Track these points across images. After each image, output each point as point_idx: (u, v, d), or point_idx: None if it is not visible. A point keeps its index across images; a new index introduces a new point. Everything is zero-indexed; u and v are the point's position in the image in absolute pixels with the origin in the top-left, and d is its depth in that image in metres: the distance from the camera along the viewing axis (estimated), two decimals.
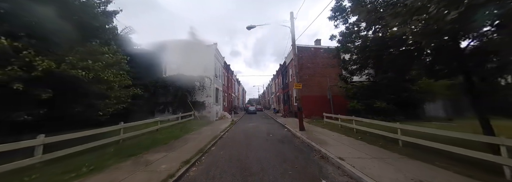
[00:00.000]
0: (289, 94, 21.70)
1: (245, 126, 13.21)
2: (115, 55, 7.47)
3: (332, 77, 16.77)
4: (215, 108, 17.52)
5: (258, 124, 14.49)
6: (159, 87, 15.13)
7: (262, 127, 12.53)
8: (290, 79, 20.95)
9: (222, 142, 7.90)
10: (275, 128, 12.30)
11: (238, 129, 11.69)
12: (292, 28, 10.45)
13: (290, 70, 20.97)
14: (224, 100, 23.02)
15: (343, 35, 11.29)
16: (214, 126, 12.54)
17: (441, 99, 16.06)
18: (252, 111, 31.10)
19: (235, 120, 17.48)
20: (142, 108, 15.14)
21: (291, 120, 16.88)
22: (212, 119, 16.26)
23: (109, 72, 6.94)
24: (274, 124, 14.95)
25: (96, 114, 6.83)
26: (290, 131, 10.40)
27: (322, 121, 13.66)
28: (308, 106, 16.37)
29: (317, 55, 17.30)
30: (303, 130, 9.85)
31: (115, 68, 7.62)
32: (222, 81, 22.00)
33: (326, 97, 16.11)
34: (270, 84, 48.28)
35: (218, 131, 10.38)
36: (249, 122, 16.19)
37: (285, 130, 11.08)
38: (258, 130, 11.29)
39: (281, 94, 27.96)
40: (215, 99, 17.93)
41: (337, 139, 7.64)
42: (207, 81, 16.45)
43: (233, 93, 33.34)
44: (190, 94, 15.92)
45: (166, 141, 7.57)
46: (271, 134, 9.73)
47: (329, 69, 17.25)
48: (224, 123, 14.41)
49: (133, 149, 6.28)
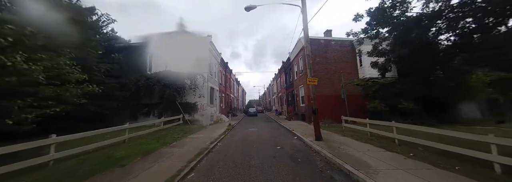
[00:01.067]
0: (294, 94, 19.25)
1: (244, 132, 10.74)
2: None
3: (347, 73, 14.33)
4: (210, 110, 15.08)
5: (259, 129, 12.03)
6: (141, 86, 12.70)
7: (265, 134, 10.07)
8: (296, 77, 18.52)
9: (210, 160, 5.45)
10: (281, 135, 9.84)
11: (235, 137, 9.23)
12: (303, 4, 8.01)
13: (295, 67, 18.54)
14: (220, 101, 20.57)
15: (373, 14, 8.91)
16: (206, 133, 10.09)
17: (475, 98, 13.56)
18: (253, 113, 28.77)
19: (233, 124, 15.02)
20: (120, 110, 12.76)
21: (298, 123, 14.40)
22: (205, 123, 13.81)
23: (23, 58, 4.46)
24: (279, 129, 12.49)
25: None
26: (303, 141, 7.93)
27: (338, 126, 11.20)
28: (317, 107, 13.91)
29: (328, 49, 14.88)
30: (320, 140, 7.39)
31: (49, 55, 5.16)
32: (218, 80, 19.58)
33: (339, 96, 13.62)
34: (271, 84, 45.85)
35: (208, 140, 7.93)
36: (249, 127, 13.73)
37: (295, 139, 8.62)
38: (260, 138, 8.83)
39: (284, 94, 25.51)
40: (210, 99, 15.50)
41: (378, 156, 5.17)
42: (200, 79, 14.02)
43: (232, 93, 30.90)
44: (179, 94, 13.48)
45: (127, 160, 5.13)
46: (278, 145, 7.26)
47: (343, 64, 14.87)
48: (219, 128, 11.96)
49: (59, 179, 3.86)
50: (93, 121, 10.80)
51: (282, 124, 14.34)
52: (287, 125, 13.35)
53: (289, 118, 18.38)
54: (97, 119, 11.21)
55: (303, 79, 15.70)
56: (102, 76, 10.99)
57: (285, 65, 23.75)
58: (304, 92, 15.47)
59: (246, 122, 18.58)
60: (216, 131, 11.05)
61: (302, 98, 16.57)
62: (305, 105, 15.49)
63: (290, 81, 21.17)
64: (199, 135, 9.47)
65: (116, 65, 12.87)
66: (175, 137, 8.53)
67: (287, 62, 22.47)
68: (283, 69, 25.79)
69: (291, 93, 21.17)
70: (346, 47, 15.13)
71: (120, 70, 13.23)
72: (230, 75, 29.16)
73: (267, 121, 18.82)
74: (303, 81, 15.54)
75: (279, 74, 30.23)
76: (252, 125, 14.93)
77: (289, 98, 22.35)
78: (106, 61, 11.80)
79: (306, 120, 14.92)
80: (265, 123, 16.66)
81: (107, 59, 12.07)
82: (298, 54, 16.71)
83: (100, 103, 10.47)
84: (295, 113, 18.69)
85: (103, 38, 12.81)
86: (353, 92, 13.90)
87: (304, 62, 15.02)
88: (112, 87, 11.18)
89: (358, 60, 14.78)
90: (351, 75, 14.58)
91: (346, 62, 14.98)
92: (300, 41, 15.56)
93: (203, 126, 13.03)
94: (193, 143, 7.45)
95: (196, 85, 13.76)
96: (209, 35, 15.18)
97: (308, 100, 14.53)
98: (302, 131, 10.19)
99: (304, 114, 15.88)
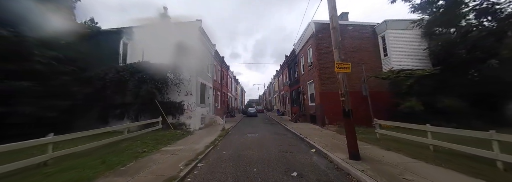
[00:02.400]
0: (301, 91, 16.53)
1: (240, 142, 8.01)
2: None
3: (368, 65, 11.60)
4: (200, 110, 12.35)
5: (261, 136, 9.31)
6: (109, 80, 9.95)
7: (268, 144, 7.35)
8: (303, 71, 15.78)
9: None
10: (292, 145, 7.11)
11: (226, 151, 6.50)
12: None
13: (301, 59, 15.80)
14: (215, 100, 17.83)
15: None
16: (189, 142, 7.36)
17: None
18: (252, 113, 26.16)
19: (229, 127, 12.30)
20: (86, 113, 10.07)
21: (307, 127, 11.69)
22: (193, 128, 11.07)
23: None
24: (285, 134, 9.77)
25: None
26: (328, 158, 5.22)
27: (363, 131, 8.51)
28: (330, 107, 11.24)
29: (345, 35, 12.12)
30: (357, 159, 4.68)
31: None
32: (212, 75, 16.83)
33: (359, 94, 10.84)
34: (272, 82, 43.13)
35: (185, 158, 5.21)
36: (248, 131, 11.01)
37: (314, 153, 5.89)
38: (263, 152, 6.11)
39: (288, 92, 22.79)
40: (200, 97, 12.76)
41: None
42: (186, 72, 11.29)
43: (230, 92, 28.15)
44: (160, 91, 10.75)
45: None
46: (292, 167, 4.56)
47: (362, 54, 12.16)
48: (209, 135, 9.25)
49: None
50: (42, 127, 8.10)
51: (288, 127, 11.63)
52: (295, 129, 10.63)
53: (294, 119, 15.66)
54: (50, 124, 8.47)
55: (313, 73, 12.97)
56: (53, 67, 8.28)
57: (289, 59, 21.01)
58: (315, 88, 12.75)
59: (245, 124, 15.86)
60: (204, 138, 8.33)
61: (311, 95, 13.85)
62: (315, 104, 12.78)
63: (295, 77, 18.44)
64: (178, 147, 6.74)
65: (78, 54, 10.14)
66: (137, 152, 5.81)
67: (291, 56, 19.73)
68: (286, 64, 23.05)
69: (296, 91, 18.44)
70: (366, 33, 12.40)
71: (85, 62, 10.50)
72: (227, 72, 26.41)
73: (269, 123, 16.10)
74: (314, 76, 12.81)
75: (282, 71, 27.50)
76: (252, 129, 12.20)
77: (294, 96, 19.63)
78: (64, 48, 9.09)
79: (318, 122, 12.21)
80: (267, 126, 13.94)
81: (65, 46, 9.33)
82: (306, 43, 13.97)
83: (45, 103, 7.74)
84: (301, 113, 15.96)
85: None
86: (374, 88, 11.22)
87: (315, 51, 12.29)
88: (64, 82, 8.44)
89: (381, 48, 12.05)
90: (372, 68, 11.86)
91: (366, 51, 12.24)
92: (309, 27, 12.82)
93: (190, 131, 10.29)
94: (158, 166, 4.73)
95: (181, 80, 11.01)
96: (198, 20, 12.42)
97: (320, 97, 11.81)
98: (320, 140, 7.48)
99: (314, 114, 13.17)
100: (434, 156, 4.87)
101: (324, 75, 11.83)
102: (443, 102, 9.40)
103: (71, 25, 10.52)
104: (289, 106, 22.42)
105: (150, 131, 9.10)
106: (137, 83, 10.11)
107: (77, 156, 5.33)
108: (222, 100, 21.32)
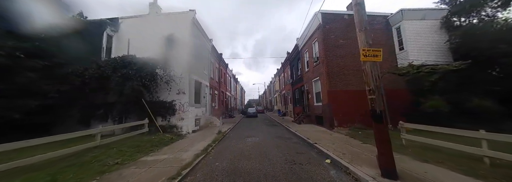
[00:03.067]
0: (304, 90, 15.29)
1: (238, 149, 6.77)
2: None
3: (384, 59, 10.33)
4: (194, 111, 11.12)
5: (262, 141, 8.07)
6: (89, 77, 8.71)
7: (271, 152, 6.11)
8: (307, 68, 14.55)
9: None
10: (299, 154, 5.87)
11: (220, 162, 5.27)
12: None
13: (306, 55, 14.56)
14: (213, 100, 16.60)
15: None
16: (176, 150, 6.13)
17: None
18: (252, 114, 24.92)
19: (226, 130, 11.06)
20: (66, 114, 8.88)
21: (314, 129, 10.46)
22: (185, 130, 9.85)
23: None
24: (290, 138, 8.53)
25: None
26: (352, 175, 3.98)
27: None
28: (339, 107, 10.04)
29: (352, 27, 10.91)
30: (394, 178, 3.46)
31: None
32: (209, 73, 15.60)
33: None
34: (272, 82, 41.89)
35: (162, 176, 3.98)
36: (247, 134, 9.78)
37: (329, 164, 4.66)
38: (265, 165, 4.88)
39: (290, 92, 21.56)
40: (194, 97, 11.52)
41: None
42: (177, 68, 10.06)
43: (228, 91, 26.91)
44: (148, 89, 9.52)
45: None
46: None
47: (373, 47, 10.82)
48: (202, 139, 8.03)
49: None
50: (11, 129, 6.89)
51: (292, 130, 10.39)
52: (300, 132, 9.40)
53: (298, 121, 14.42)
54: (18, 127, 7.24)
55: (319, 70, 11.73)
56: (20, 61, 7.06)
57: (291, 56, 19.76)
58: (322, 86, 11.52)
59: (244, 125, 14.63)
60: (195, 144, 7.10)
61: (317, 94, 12.62)
62: (322, 104, 11.55)
63: (299, 75, 17.19)
64: (161, 156, 5.51)
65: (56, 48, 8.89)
66: (107, 165, 4.57)
67: (293, 52, 18.48)
68: (288, 61, 21.80)
69: (299, 89, 17.21)
70: (377, 24, 11.15)
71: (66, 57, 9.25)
72: (226, 70, 25.17)
73: (270, 125, 14.87)
74: (320, 72, 11.57)
75: (283, 69, 26.26)
76: (251, 132, 10.97)
77: (297, 96, 18.39)
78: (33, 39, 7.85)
79: (325, 124, 10.99)
80: (269, 128, 12.70)
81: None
82: (312, 37, 12.71)
83: (5, 102, 6.50)
84: (306, 114, 14.73)
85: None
86: (388, 85, 10.01)
87: (322, 45, 11.04)
88: (31, 80, 7.20)
89: (395, 41, 10.82)
90: (387, 63, 10.64)
91: (377, 44, 10.84)
92: (315, 19, 11.58)
93: (181, 135, 9.06)
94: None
95: (171, 77, 9.78)
96: (191, 10, 11.17)
97: (328, 96, 10.58)
98: (333, 146, 6.24)
99: (320, 115, 11.95)
100: (492, 171, 3.66)
101: (333, 72, 10.59)
102: (472, 101, 8.18)
103: (57, 17, 9.32)
104: (291, 106, 21.19)
105: (134, 135, 7.86)
106: (120, 80, 8.85)
107: (26, 170, 4.10)
108: (220, 99, 20.08)
